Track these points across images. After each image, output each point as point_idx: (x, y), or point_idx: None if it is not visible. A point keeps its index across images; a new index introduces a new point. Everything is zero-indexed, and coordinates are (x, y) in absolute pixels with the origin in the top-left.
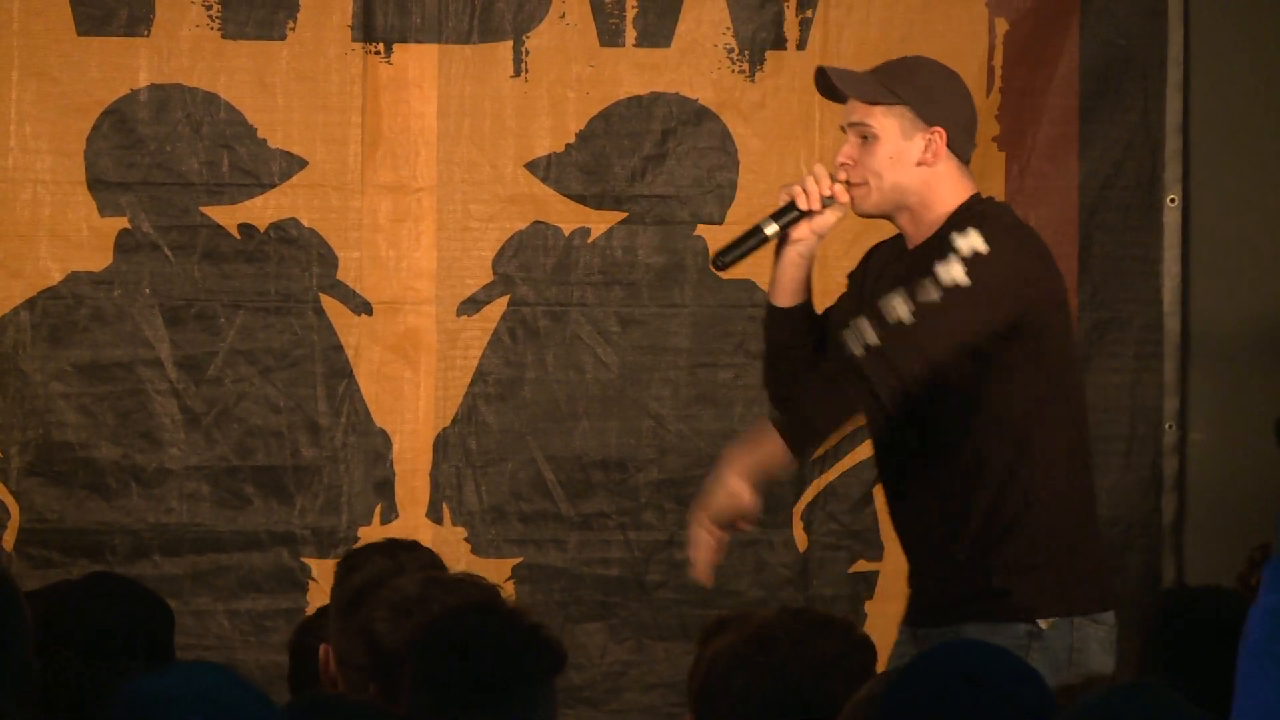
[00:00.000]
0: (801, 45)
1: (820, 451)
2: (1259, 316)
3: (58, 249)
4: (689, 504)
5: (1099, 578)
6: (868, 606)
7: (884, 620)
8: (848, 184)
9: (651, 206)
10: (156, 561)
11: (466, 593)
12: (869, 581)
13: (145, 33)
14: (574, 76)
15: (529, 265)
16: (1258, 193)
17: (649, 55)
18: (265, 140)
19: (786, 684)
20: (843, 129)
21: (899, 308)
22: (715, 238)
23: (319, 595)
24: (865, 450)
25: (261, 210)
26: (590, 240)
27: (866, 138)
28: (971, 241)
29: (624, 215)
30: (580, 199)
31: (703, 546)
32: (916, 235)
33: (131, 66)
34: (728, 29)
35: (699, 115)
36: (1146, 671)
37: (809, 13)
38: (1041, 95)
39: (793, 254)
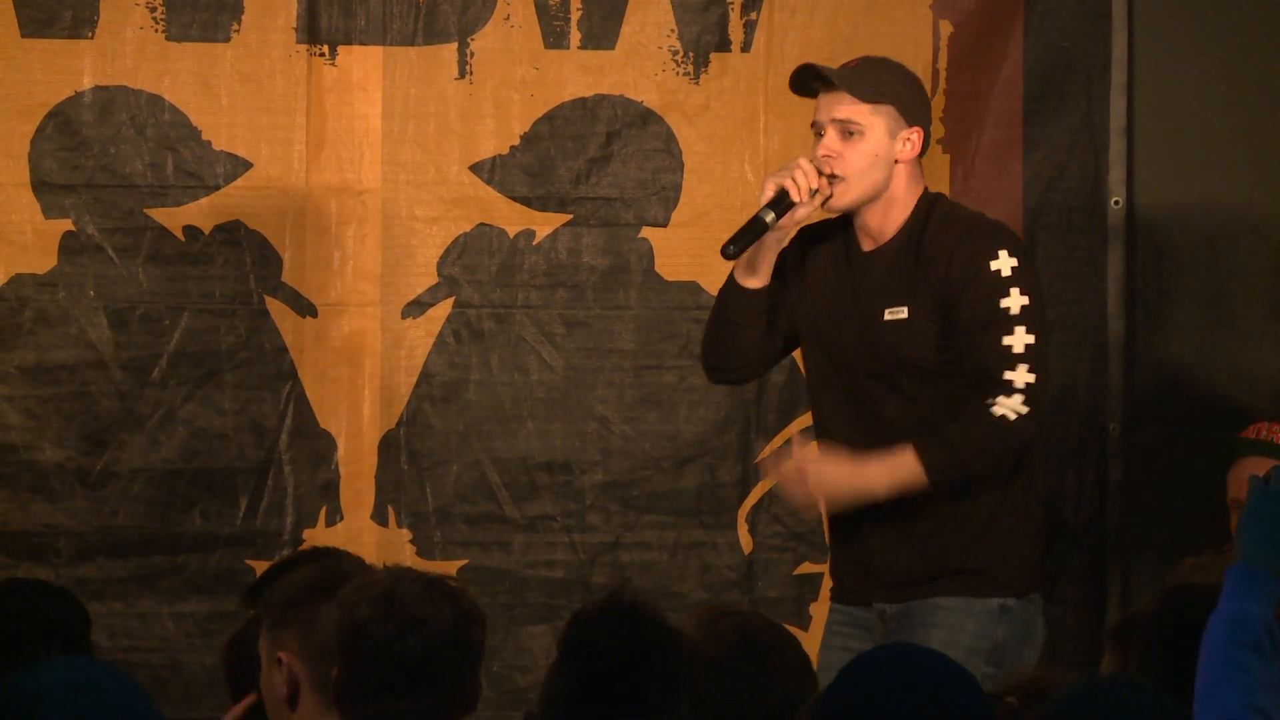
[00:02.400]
0: (746, 48)
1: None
2: (1202, 319)
3: (1, 251)
4: (633, 506)
5: (1043, 560)
6: (813, 609)
7: None
8: (831, 178)
9: (596, 209)
10: (101, 564)
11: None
12: (814, 583)
13: (89, 34)
14: (519, 79)
15: (474, 267)
16: (1201, 195)
17: (594, 57)
18: (210, 142)
19: (778, 688)
20: (817, 125)
21: (1018, 376)
22: (659, 240)
23: None
24: None
25: (206, 212)
26: (535, 242)
27: (852, 133)
28: (1007, 262)
29: (569, 217)
30: (525, 201)
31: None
32: (881, 230)
33: (76, 68)
34: (672, 31)
35: (643, 117)
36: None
37: (753, 15)
38: (985, 98)
39: (772, 240)
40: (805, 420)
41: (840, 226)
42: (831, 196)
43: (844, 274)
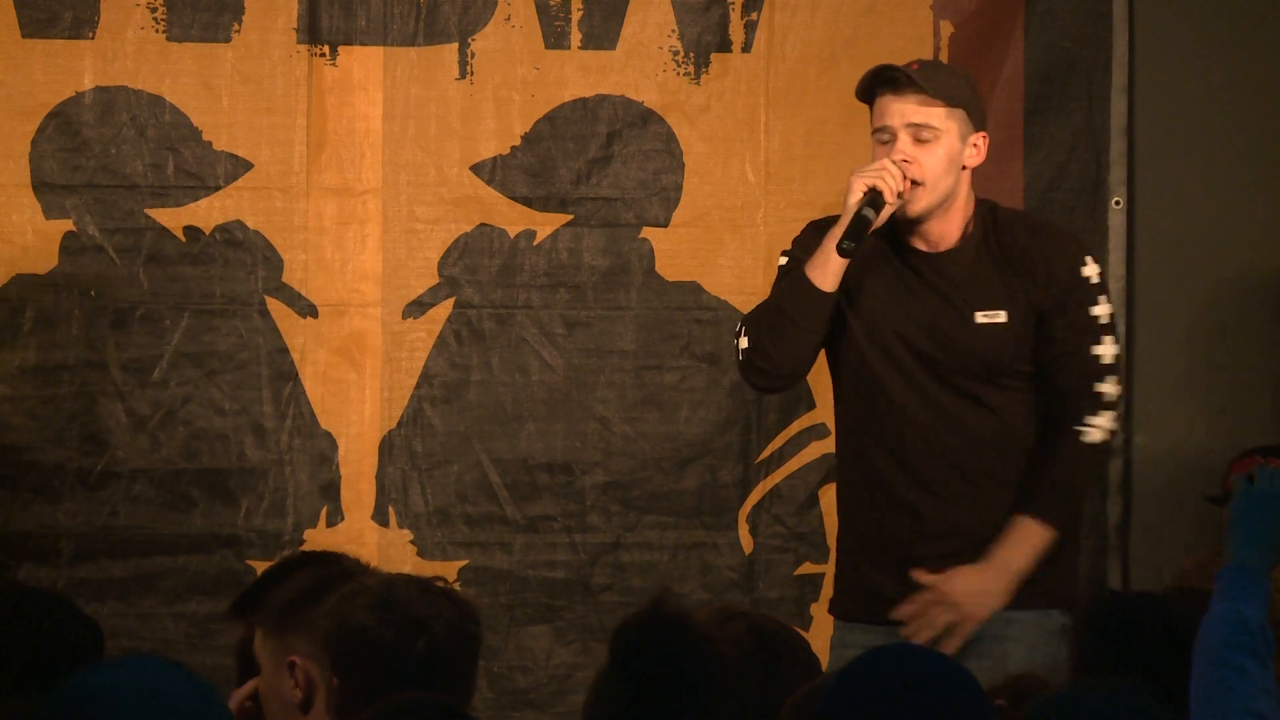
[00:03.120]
0: (746, 48)
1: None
2: (1203, 319)
3: (2, 252)
4: (634, 506)
5: None
6: (813, 609)
7: (829, 623)
8: (912, 183)
9: (597, 209)
10: (102, 564)
11: (457, 599)
12: (815, 584)
13: (90, 35)
14: (519, 79)
15: (474, 268)
16: (1202, 195)
17: (594, 58)
18: (210, 143)
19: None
20: (887, 130)
21: (1108, 388)
22: (660, 240)
23: None
24: (811, 453)
25: (207, 213)
26: (536, 243)
27: (926, 139)
28: (1093, 269)
29: (569, 218)
30: (526, 201)
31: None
32: (941, 236)
33: (76, 69)
34: (673, 31)
35: (644, 118)
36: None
37: (754, 15)
38: (986, 98)
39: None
40: (806, 420)
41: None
42: (910, 202)
43: (905, 276)
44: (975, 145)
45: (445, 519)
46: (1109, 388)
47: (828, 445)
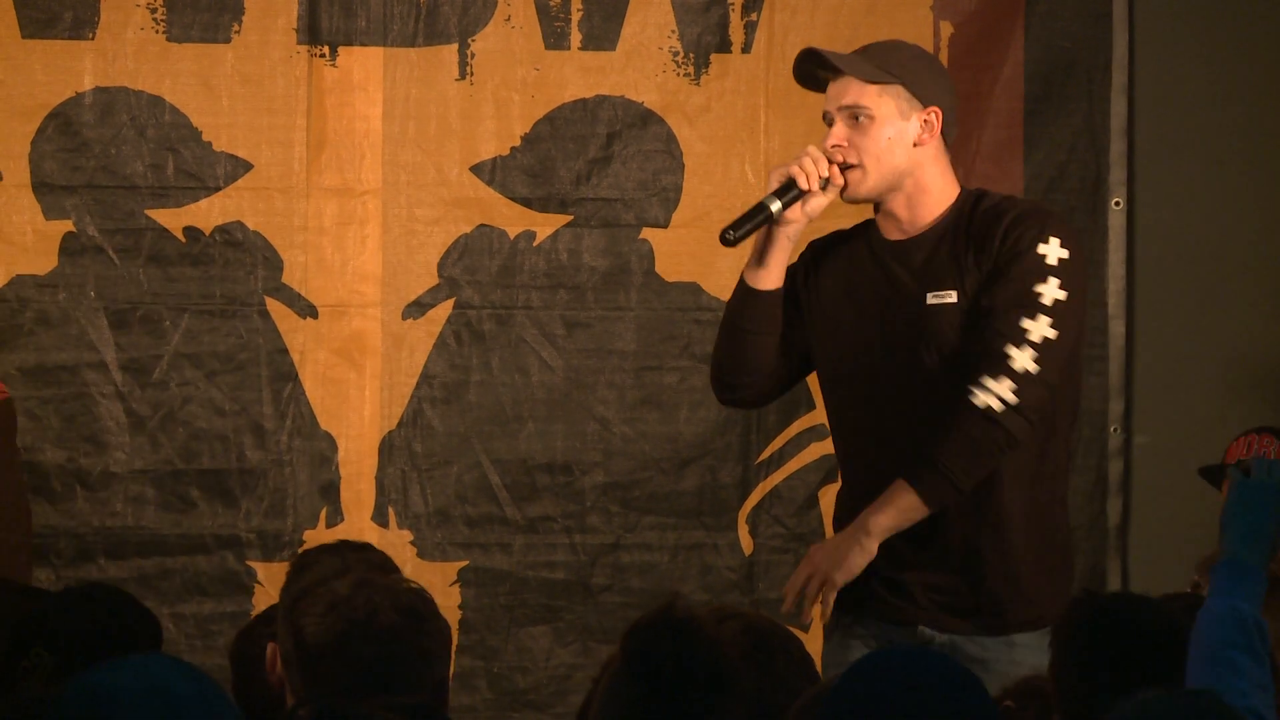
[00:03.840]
0: (746, 48)
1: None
2: (1203, 320)
3: (2, 252)
4: (634, 507)
5: None
6: (813, 610)
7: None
8: (844, 167)
9: (597, 210)
10: (101, 565)
11: (401, 596)
12: None
13: (90, 35)
14: (519, 79)
15: (474, 268)
16: (1202, 195)
17: (594, 58)
18: (210, 143)
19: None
20: (827, 115)
21: (1020, 357)
22: (660, 241)
23: (264, 599)
24: (811, 453)
25: (207, 213)
26: (536, 243)
27: (859, 118)
28: (1056, 251)
29: (569, 218)
30: (525, 202)
31: (809, 596)
32: (912, 220)
33: (76, 69)
34: (673, 32)
35: (644, 118)
36: (1061, 679)
37: (754, 16)
38: (986, 98)
39: (782, 236)
40: (806, 421)
41: (856, 231)
42: (847, 186)
43: (870, 267)
44: (926, 120)
45: (445, 519)
46: (1022, 357)
47: (827, 446)
